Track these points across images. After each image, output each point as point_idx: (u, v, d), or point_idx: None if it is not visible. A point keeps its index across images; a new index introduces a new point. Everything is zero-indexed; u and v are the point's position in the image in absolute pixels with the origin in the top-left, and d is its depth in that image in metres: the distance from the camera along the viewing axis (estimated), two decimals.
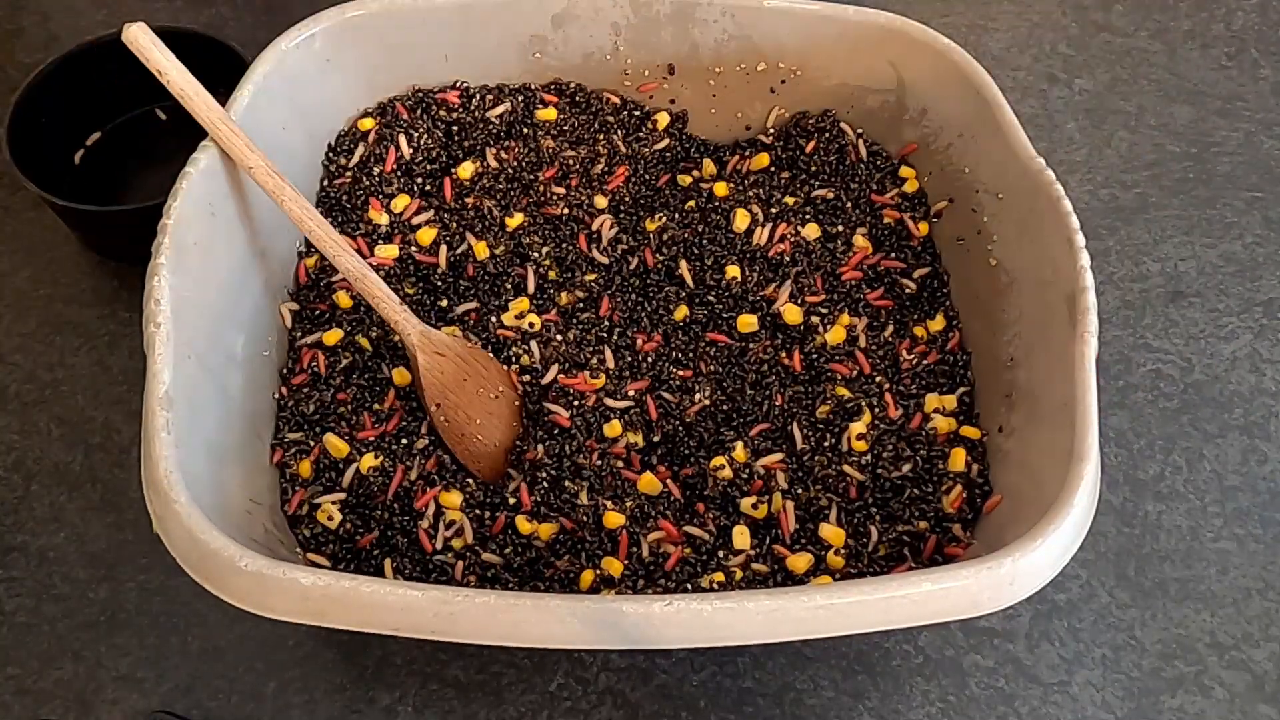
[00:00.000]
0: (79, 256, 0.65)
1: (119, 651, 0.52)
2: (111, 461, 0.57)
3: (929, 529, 0.49)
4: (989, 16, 0.80)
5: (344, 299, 0.55)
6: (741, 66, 0.61)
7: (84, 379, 0.60)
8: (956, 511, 0.49)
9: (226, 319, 0.49)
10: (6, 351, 0.61)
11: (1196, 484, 0.59)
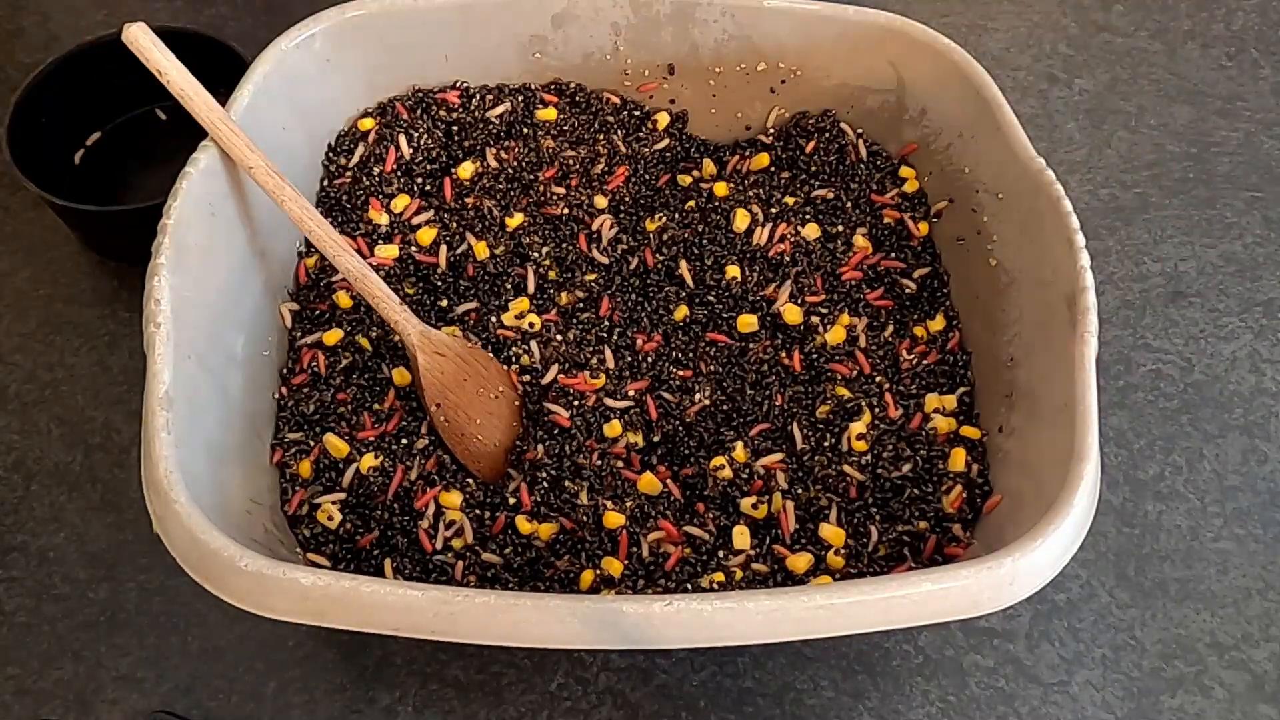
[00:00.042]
0: (79, 256, 0.65)
1: (119, 651, 0.52)
2: (111, 461, 0.57)
3: (929, 529, 0.49)
4: (989, 16, 0.80)
5: (344, 299, 0.55)
6: (741, 66, 0.61)
7: (84, 379, 0.60)
8: (956, 511, 0.49)
9: (226, 319, 0.49)
10: (6, 351, 0.61)
11: (1196, 484, 0.59)
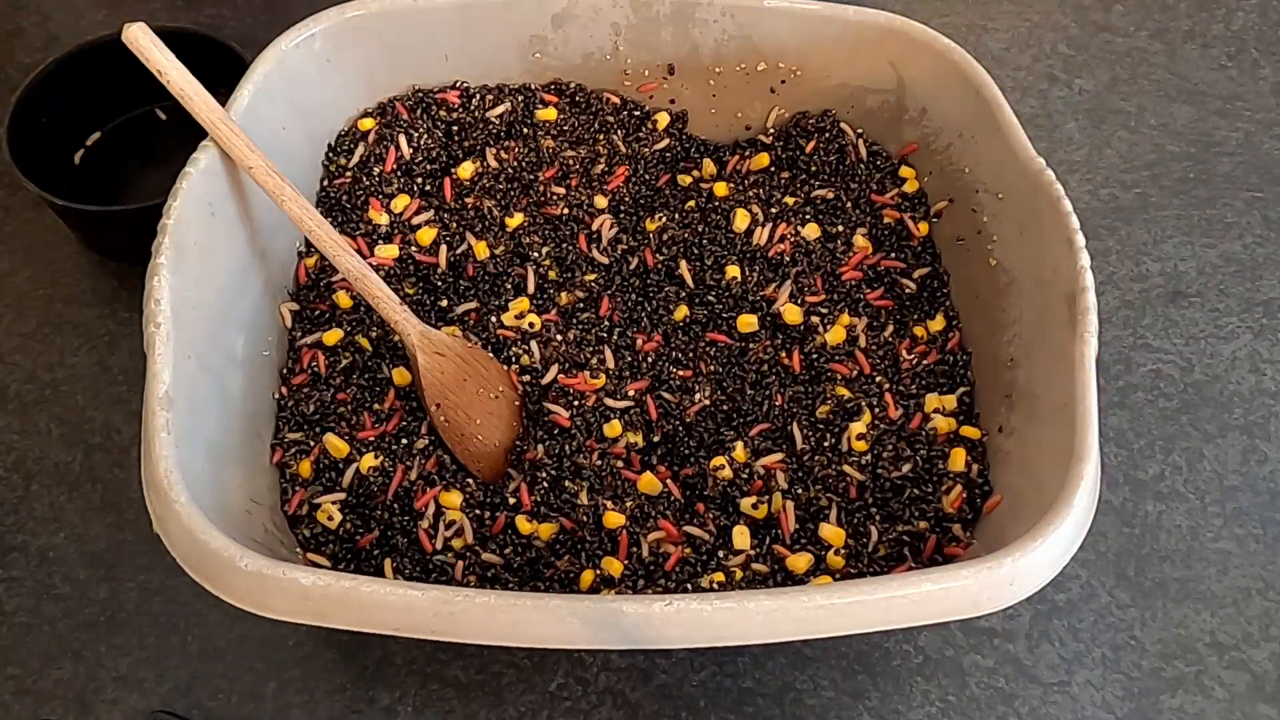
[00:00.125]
0: (79, 256, 0.65)
1: (119, 651, 0.52)
2: (111, 461, 0.57)
3: (929, 529, 0.49)
4: (989, 16, 0.80)
5: (344, 299, 0.55)
6: (741, 66, 0.61)
7: (84, 379, 0.60)
8: (956, 511, 0.49)
9: (226, 319, 0.49)
10: (6, 351, 0.61)
11: (1196, 484, 0.59)
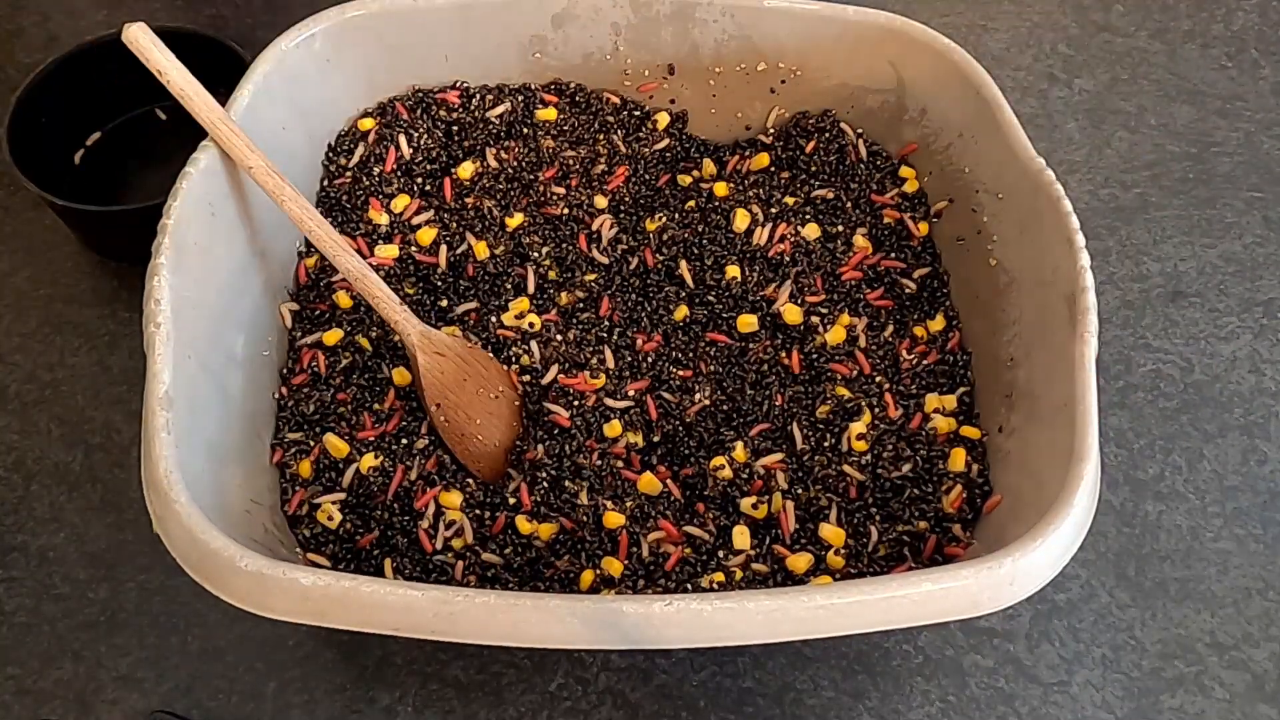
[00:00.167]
0: (79, 256, 0.65)
1: (119, 651, 0.52)
2: (111, 461, 0.57)
3: (929, 529, 0.49)
4: (989, 16, 0.80)
5: (344, 299, 0.55)
6: (741, 66, 0.61)
7: (84, 379, 0.60)
8: (956, 511, 0.49)
9: (226, 319, 0.49)
10: (6, 351, 0.61)
11: (1196, 484, 0.59)
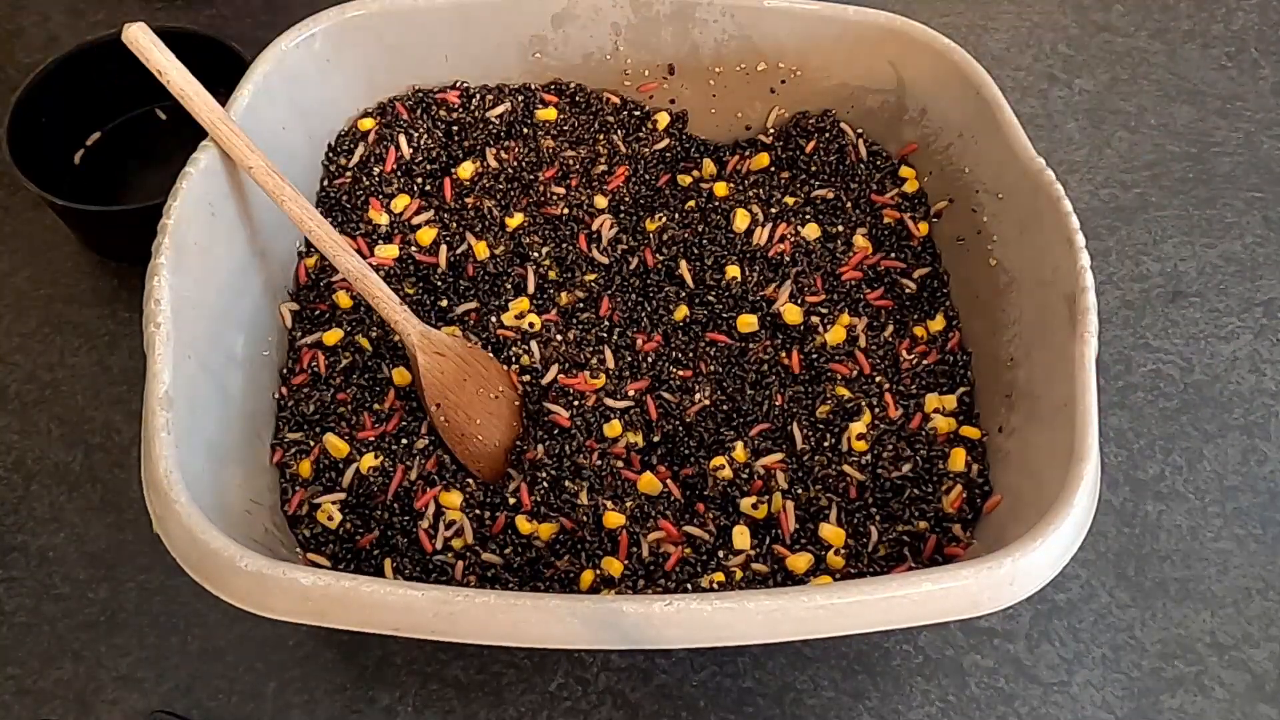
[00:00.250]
0: (79, 256, 0.65)
1: (119, 651, 0.52)
2: (111, 461, 0.57)
3: (929, 529, 0.49)
4: (989, 16, 0.80)
5: (344, 299, 0.55)
6: (741, 66, 0.61)
7: (84, 379, 0.60)
8: (956, 511, 0.49)
9: (226, 319, 0.49)
10: (6, 351, 0.61)
11: (1196, 484, 0.59)
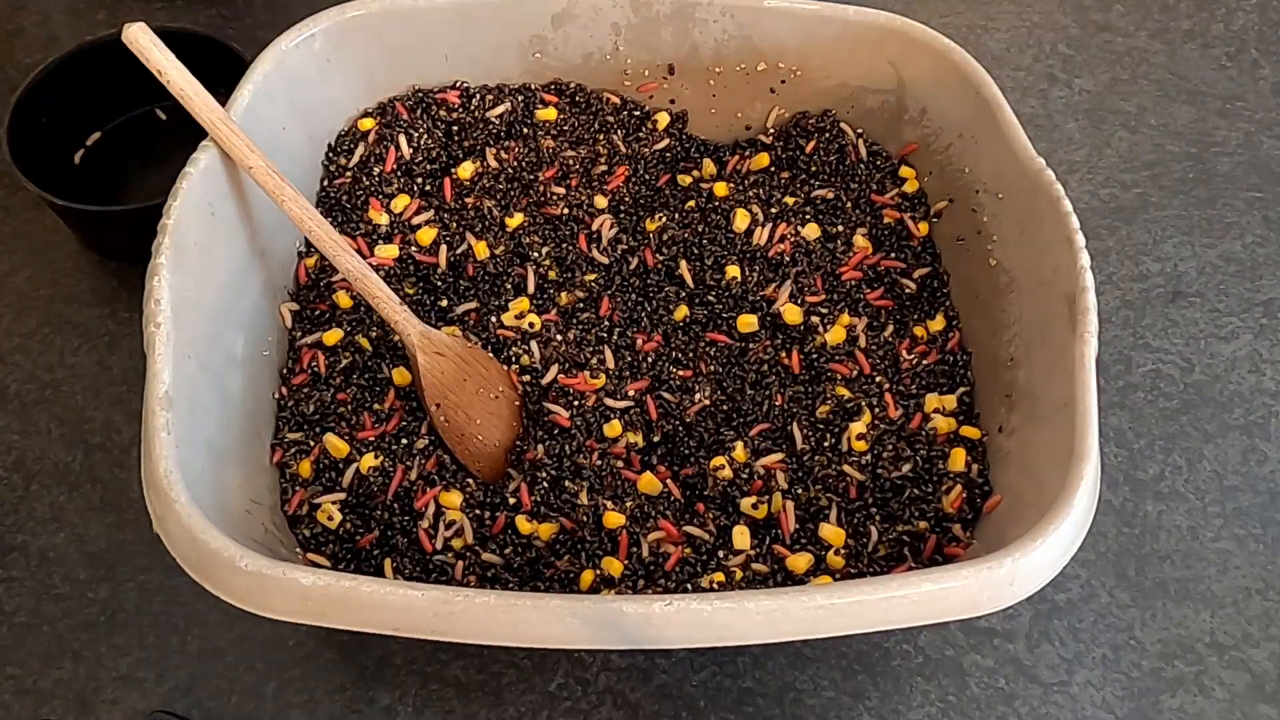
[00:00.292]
0: (79, 256, 0.65)
1: (119, 651, 0.52)
2: (111, 461, 0.57)
3: (929, 529, 0.49)
4: (989, 16, 0.80)
5: (344, 299, 0.55)
6: (741, 66, 0.61)
7: (84, 379, 0.60)
8: (956, 511, 0.49)
9: (226, 319, 0.49)
10: (6, 351, 0.61)
11: (1196, 484, 0.59)
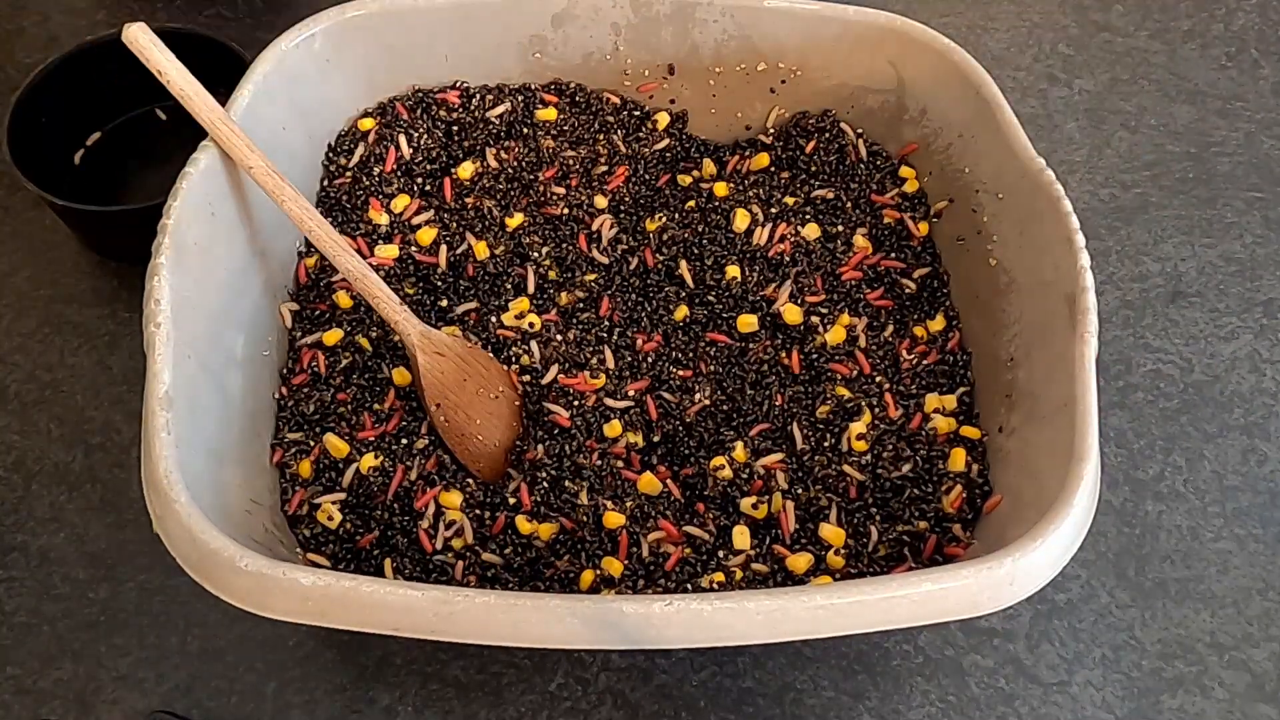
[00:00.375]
0: (79, 256, 0.65)
1: (119, 651, 0.52)
2: (111, 461, 0.57)
3: (929, 529, 0.49)
4: (989, 16, 0.80)
5: (344, 299, 0.55)
6: (741, 66, 0.61)
7: (84, 379, 0.60)
8: (956, 511, 0.49)
9: (226, 319, 0.49)
10: (6, 351, 0.61)
11: (1196, 484, 0.59)
